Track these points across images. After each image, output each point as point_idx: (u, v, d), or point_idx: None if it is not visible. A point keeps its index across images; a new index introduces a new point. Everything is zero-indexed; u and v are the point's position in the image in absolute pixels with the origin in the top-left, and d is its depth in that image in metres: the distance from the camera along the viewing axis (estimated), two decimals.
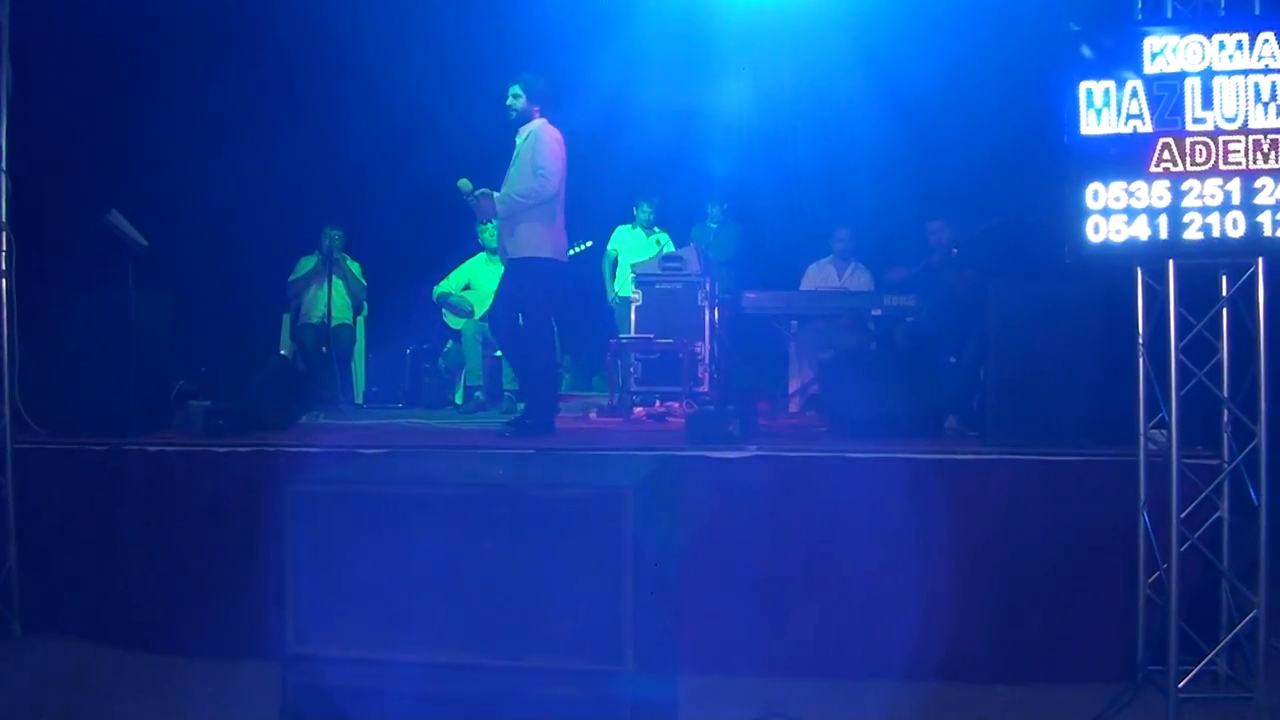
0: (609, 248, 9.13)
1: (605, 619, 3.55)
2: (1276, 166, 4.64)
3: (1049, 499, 5.30)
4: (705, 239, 8.52)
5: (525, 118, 6.34)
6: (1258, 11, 4.78)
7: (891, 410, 5.78)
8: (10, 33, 5.85)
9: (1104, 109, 4.77)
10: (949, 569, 5.29)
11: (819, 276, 8.31)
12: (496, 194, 6.28)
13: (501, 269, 8.02)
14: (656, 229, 9.13)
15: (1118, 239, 4.77)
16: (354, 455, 5.49)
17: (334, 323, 8.07)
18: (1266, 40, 4.64)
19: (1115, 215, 4.76)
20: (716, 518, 5.27)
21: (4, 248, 5.88)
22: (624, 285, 8.93)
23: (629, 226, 9.15)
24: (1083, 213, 4.79)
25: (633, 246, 9.02)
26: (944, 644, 5.26)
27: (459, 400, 8.24)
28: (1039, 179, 7.10)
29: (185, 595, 5.64)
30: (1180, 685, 4.80)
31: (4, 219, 5.88)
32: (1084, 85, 4.78)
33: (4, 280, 5.89)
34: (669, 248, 8.97)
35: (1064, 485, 5.31)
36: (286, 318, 8.36)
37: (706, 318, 7.78)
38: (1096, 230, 4.79)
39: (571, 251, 8.48)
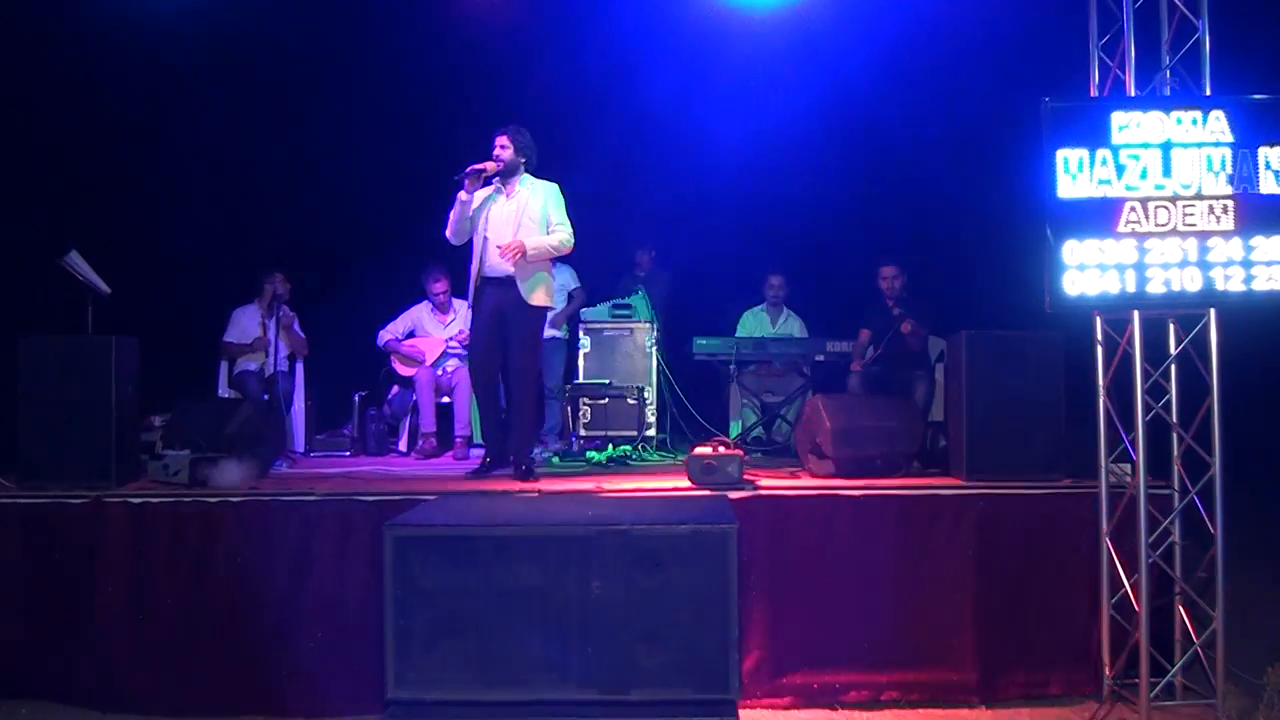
0: None
1: (711, 649, 3.78)
2: (1227, 228, 5.25)
3: (1019, 529, 5.76)
4: (632, 286, 8.75)
5: (512, 169, 6.47)
6: (1207, 92, 5.39)
7: (869, 451, 6.17)
8: None
9: (1079, 174, 5.29)
10: (932, 597, 5.69)
11: (754, 324, 8.68)
12: (529, 240, 6.40)
13: (450, 319, 8.21)
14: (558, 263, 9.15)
15: (1091, 291, 5.29)
16: (449, 499, 5.34)
17: (272, 370, 7.96)
18: (1217, 117, 5.27)
19: (1089, 270, 5.28)
20: None
21: None
22: None
23: None
24: (1060, 267, 5.29)
25: None
26: (927, 668, 5.66)
27: (402, 447, 8.25)
28: (989, 235, 7.78)
29: (173, 653, 5.50)
30: (1151, 696, 5.32)
31: None
32: (1061, 153, 5.29)
33: None
34: (574, 282, 9.05)
35: (1032, 516, 5.78)
36: (224, 365, 8.20)
37: (654, 363, 8.06)
38: (1073, 283, 5.29)
39: None
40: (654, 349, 8.13)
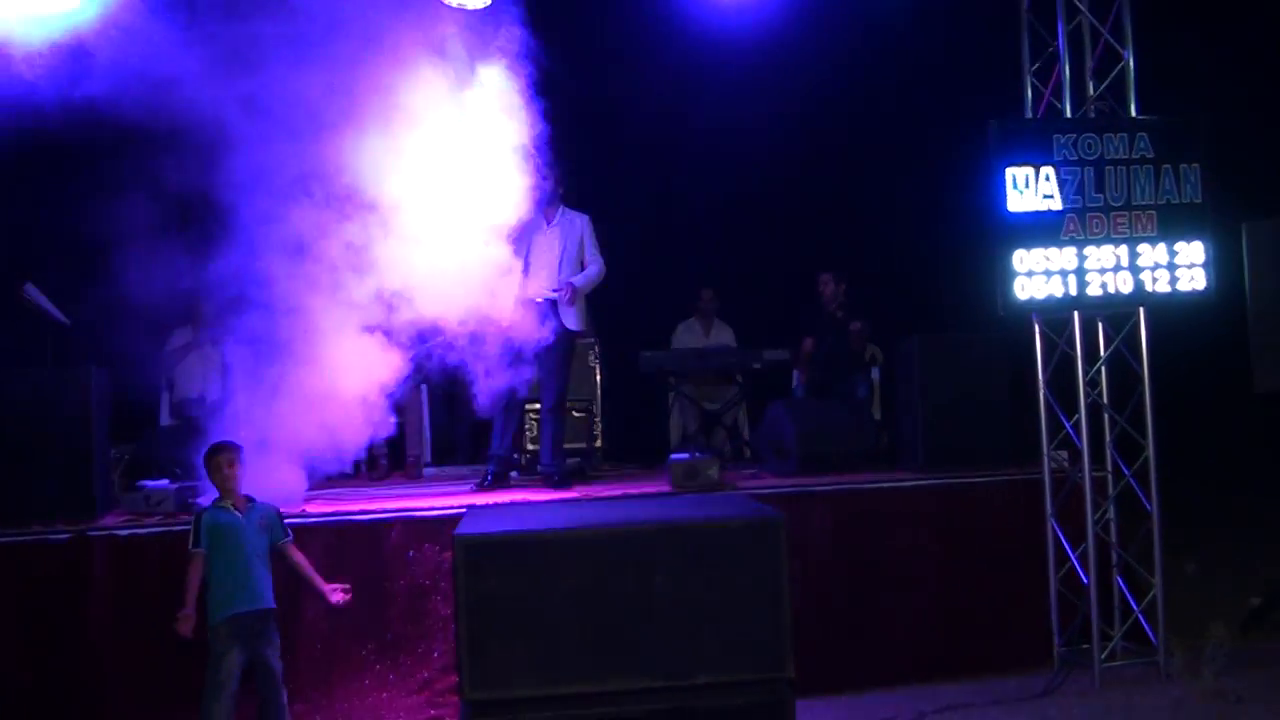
0: None
1: (768, 632, 4.07)
2: (1153, 234, 5.89)
3: (973, 514, 6.28)
4: None
5: (552, 198, 6.81)
6: (1133, 114, 6.03)
7: (828, 449, 6.59)
8: None
9: (1025, 190, 5.85)
10: (898, 580, 6.14)
11: (687, 335, 8.98)
12: (577, 279, 6.75)
13: None
14: None
15: (1038, 295, 5.85)
16: (493, 509, 5.65)
17: (215, 396, 7.84)
18: (1142, 137, 5.92)
19: (1036, 276, 5.84)
20: None
21: None
22: None
23: None
24: (1010, 274, 5.83)
25: None
26: (896, 647, 6.09)
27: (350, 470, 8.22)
28: (923, 246, 8.29)
29: (159, 686, 5.46)
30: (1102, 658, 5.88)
31: None
32: (1009, 170, 5.84)
33: None
34: None
35: (985, 502, 6.31)
36: (165, 395, 8.03)
37: (597, 377, 8.29)
38: (1022, 289, 5.84)
39: None
40: (597, 363, 8.35)
